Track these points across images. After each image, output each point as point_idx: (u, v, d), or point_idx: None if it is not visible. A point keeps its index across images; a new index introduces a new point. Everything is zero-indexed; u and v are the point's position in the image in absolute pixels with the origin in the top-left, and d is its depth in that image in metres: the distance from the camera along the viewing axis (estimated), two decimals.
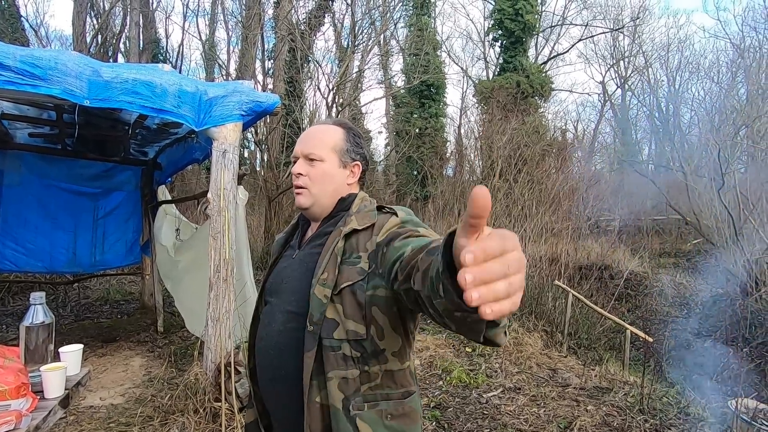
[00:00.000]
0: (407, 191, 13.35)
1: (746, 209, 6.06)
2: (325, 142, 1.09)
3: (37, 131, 3.92)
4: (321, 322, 0.94)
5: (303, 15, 11.51)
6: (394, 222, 0.97)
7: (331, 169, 1.08)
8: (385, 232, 0.95)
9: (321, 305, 0.94)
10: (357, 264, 0.96)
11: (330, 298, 0.94)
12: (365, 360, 0.94)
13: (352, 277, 0.95)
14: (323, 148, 1.08)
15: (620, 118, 20.85)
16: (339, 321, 0.94)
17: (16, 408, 1.24)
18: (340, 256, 0.97)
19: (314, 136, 1.10)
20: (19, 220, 4.48)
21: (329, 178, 1.08)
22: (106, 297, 5.90)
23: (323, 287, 0.95)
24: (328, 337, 0.94)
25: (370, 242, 0.96)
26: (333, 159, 1.08)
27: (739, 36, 13.31)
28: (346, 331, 0.94)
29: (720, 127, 7.78)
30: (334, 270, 0.96)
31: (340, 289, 0.95)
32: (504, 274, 0.45)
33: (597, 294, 6.40)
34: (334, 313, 0.95)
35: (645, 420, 2.95)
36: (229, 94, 2.84)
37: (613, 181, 12.31)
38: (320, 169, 1.07)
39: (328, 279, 0.96)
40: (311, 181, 1.07)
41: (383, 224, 0.98)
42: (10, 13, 12.55)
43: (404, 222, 0.97)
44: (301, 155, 1.09)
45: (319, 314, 0.94)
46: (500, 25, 14.87)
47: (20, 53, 2.25)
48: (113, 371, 3.50)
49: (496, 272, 0.45)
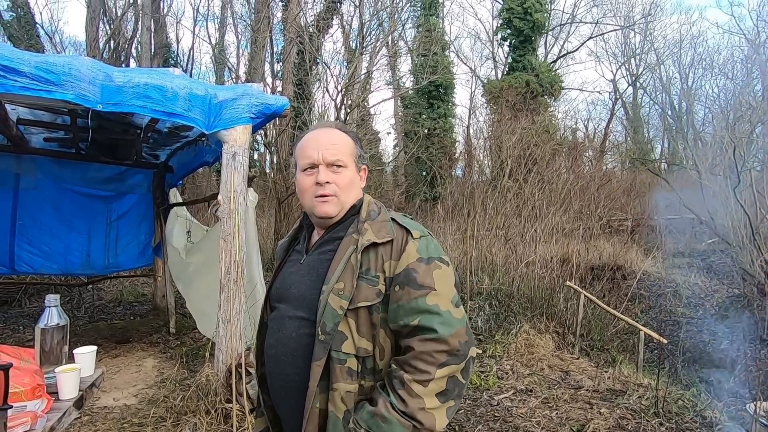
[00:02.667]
0: (416, 192, 13.32)
1: (763, 208, 5.94)
2: (346, 149, 1.09)
3: (51, 136, 3.99)
4: (333, 333, 0.95)
5: (311, 17, 11.57)
6: (412, 254, 0.98)
7: (353, 175, 1.09)
8: (404, 265, 0.98)
9: (335, 316, 0.95)
10: (375, 285, 0.97)
11: (345, 311, 0.95)
12: (363, 375, 0.97)
13: (370, 297, 0.97)
14: (346, 155, 1.08)
15: (632, 117, 20.58)
16: (350, 336, 0.96)
17: (31, 409, 1.26)
18: (357, 269, 0.97)
19: (334, 142, 1.08)
20: (34, 223, 4.56)
21: (353, 184, 1.09)
22: (120, 298, 5.98)
23: (339, 297, 0.96)
24: (337, 350, 0.95)
25: (388, 265, 0.98)
26: (352, 165, 1.09)
27: (754, 31, 13.08)
28: (357, 348, 0.96)
29: (735, 124, 7.64)
30: (352, 282, 0.96)
31: (357, 306, 0.96)
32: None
33: (609, 295, 6.31)
34: (346, 328, 0.96)
35: (660, 423, 2.90)
36: (238, 97, 2.86)
37: (624, 181, 12.15)
38: (346, 176, 1.07)
39: (345, 290, 0.96)
40: (340, 189, 1.05)
41: (401, 245, 1.00)
42: (26, 20, 12.83)
43: (419, 255, 0.98)
44: (324, 162, 1.05)
45: (333, 325, 0.95)
46: (509, 24, 14.80)
47: (35, 59, 2.29)
48: (126, 372, 3.54)
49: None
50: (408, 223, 1.04)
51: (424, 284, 0.94)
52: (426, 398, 0.91)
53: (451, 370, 0.93)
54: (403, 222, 1.04)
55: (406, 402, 0.90)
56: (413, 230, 1.01)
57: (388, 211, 1.08)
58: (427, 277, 0.95)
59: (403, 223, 1.03)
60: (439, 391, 0.92)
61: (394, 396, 0.91)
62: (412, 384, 0.91)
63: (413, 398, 0.90)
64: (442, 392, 0.92)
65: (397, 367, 0.94)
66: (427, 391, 0.91)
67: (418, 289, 0.94)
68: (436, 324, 0.92)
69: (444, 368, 0.92)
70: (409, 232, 1.01)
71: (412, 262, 0.97)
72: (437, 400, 0.92)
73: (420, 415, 0.90)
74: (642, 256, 8.14)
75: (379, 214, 1.05)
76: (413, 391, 0.90)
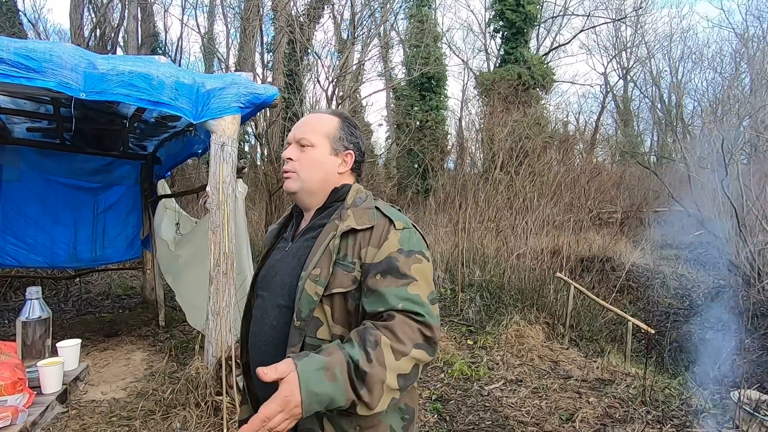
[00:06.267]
0: (408, 184, 13.31)
1: (749, 200, 6.02)
2: (318, 128, 1.08)
3: (35, 125, 3.89)
4: (308, 320, 0.93)
5: (302, 7, 11.42)
6: (393, 244, 0.95)
7: (321, 155, 1.07)
8: (385, 254, 0.94)
9: (311, 302, 0.93)
10: (351, 271, 0.95)
11: (320, 297, 0.93)
12: None
13: (345, 284, 0.94)
14: (315, 134, 1.07)
15: (622, 110, 20.70)
16: (325, 322, 0.94)
17: (12, 404, 1.23)
18: (335, 254, 0.95)
19: (308, 122, 1.10)
20: (18, 215, 4.46)
21: (318, 164, 1.07)
22: (108, 291, 5.91)
23: (315, 283, 0.94)
24: (312, 336, 0.94)
25: (365, 251, 0.95)
26: (324, 145, 1.07)
27: (743, 25, 13.18)
28: (332, 335, 0.94)
29: (723, 117, 7.71)
30: (328, 268, 0.94)
31: (332, 292, 0.94)
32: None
33: (599, 286, 6.38)
34: (321, 314, 0.94)
35: (647, 411, 2.95)
36: (227, 86, 2.80)
37: (614, 173, 12.25)
38: (310, 154, 1.06)
39: (321, 276, 0.94)
40: (300, 166, 1.06)
41: (381, 234, 0.96)
42: (8, 7, 12.48)
43: (400, 246, 0.95)
44: (294, 141, 1.08)
45: (308, 311, 0.93)
46: (501, 16, 14.73)
47: (14, 45, 2.22)
48: (115, 365, 3.50)
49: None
50: (392, 212, 1.02)
51: (406, 274, 0.92)
52: (389, 373, 0.81)
53: (421, 357, 0.87)
54: (387, 211, 1.01)
55: (372, 366, 0.80)
56: (396, 220, 0.99)
57: (374, 200, 1.06)
58: (408, 269, 0.92)
59: (387, 213, 1.01)
60: (403, 372, 0.84)
61: (362, 352, 0.81)
62: (386, 350, 0.82)
63: (379, 366, 0.80)
64: (403, 375, 0.84)
65: (373, 327, 0.86)
66: (395, 366, 0.82)
67: (400, 278, 0.91)
68: (421, 310, 0.89)
69: (418, 350, 0.86)
70: (392, 222, 0.98)
71: (393, 251, 0.94)
72: (396, 382, 0.83)
73: (375, 389, 0.80)
74: (631, 247, 8.23)
75: (365, 202, 1.03)
76: (383, 358, 0.81)
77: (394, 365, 0.83)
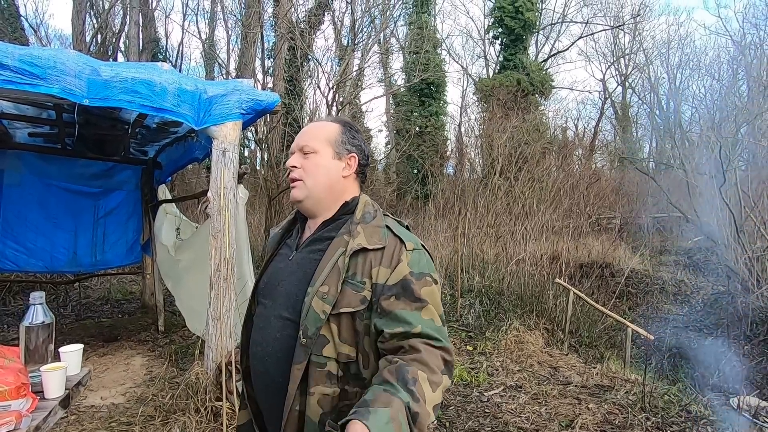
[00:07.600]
0: (407, 190, 13.33)
1: (747, 207, 6.04)
2: (320, 135, 1.09)
3: (36, 131, 3.91)
4: (315, 338, 0.93)
5: (303, 13, 11.49)
6: (404, 268, 0.95)
7: (325, 161, 1.07)
8: (399, 276, 0.94)
9: (318, 320, 0.93)
10: (360, 291, 0.94)
11: (328, 316, 0.93)
12: (347, 380, 0.94)
13: (354, 303, 0.94)
14: (317, 141, 1.08)
15: (621, 116, 20.79)
16: (331, 341, 0.94)
17: (16, 408, 1.24)
18: (344, 273, 0.95)
19: (310, 130, 1.11)
20: (19, 220, 4.47)
21: (323, 169, 1.06)
22: (107, 296, 5.90)
23: (323, 301, 0.93)
24: (318, 354, 0.93)
25: (377, 271, 0.95)
26: (327, 151, 1.07)
27: (740, 33, 13.26)
28: (338, 353, 0.94)
29: (721, 124, 7.75)
30: (336, 286, 0.94)
31: (340, 311, 0.93)
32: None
33: (598, 292, 6.39)
34: (328, 332, 0.94)
35: (647, 418, 2.95)
36: (228, 93, 2.82)
37: (613, 179, 12.29)
38: (313, 160, 1.07)
39: (329, 294, 0.94)
40: (305, 173, 1.06)
41: (393, 254, 0.96)
42: (10, 12, 12.54)
43: (411, 269, 0.95)
44: (297, 149, 1.09)
45: (315, 329, 0.93)
46: (500, 22, 14.85)
47: (19, 52, 2.24)
48: (114, 370, 3.50)
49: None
50: (403, 233, 1.01)
51: (420, 298, 0.92)
52: (429, 406, 0.80)
53: (447, 383, 0.87)
54: (398, 231, 1.01)
55: (420, 405, 0.78)
56: (407, 241, 0.99)
57: (384, 217, 1.05)
58: (420, 292, 0.93)
59: (398, 233, 1.00)
60: (438, 402, 0.83)
61: (407, 393, 0.78)
62: (424, 384, 0.80)
63: (423, 403, 0.79)
64: (438, 405, 0.83)
65: (405, 363, 0.83)
66: (432, 398, 0.81)
67: (414, 302, 0.92)
68: (438, 335, 0.90)
69: (444, 377, 0.86)
70: (403, 243, 0.98)
71: (405, 273, 0.94)
72: (434, 414, 0.81)
73: (424, 426, 0.78)
74: (630, 253, 8.25)
75: (374, 218, 1.02)
76: (423, 394, 0.79)
77: (432, 397, 0.82)
